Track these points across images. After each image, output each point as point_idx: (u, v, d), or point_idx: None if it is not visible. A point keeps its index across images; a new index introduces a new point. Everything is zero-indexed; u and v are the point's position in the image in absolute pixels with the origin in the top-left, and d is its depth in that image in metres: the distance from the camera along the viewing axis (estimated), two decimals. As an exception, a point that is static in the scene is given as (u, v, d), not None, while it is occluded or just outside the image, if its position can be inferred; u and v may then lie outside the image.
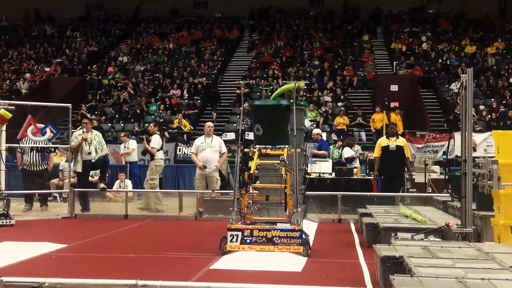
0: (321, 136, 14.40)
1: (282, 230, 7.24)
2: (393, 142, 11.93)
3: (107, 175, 12.32)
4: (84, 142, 11.75)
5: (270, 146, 7.81)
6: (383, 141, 12.18)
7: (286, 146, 7.77)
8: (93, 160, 11.69)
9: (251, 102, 9.42)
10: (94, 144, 11.80)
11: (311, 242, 7.53)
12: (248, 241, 7.23)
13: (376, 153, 12.15)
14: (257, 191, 7.79)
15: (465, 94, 6.76)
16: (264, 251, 7.14)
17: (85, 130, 11.83)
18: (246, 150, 8.20)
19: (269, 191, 7.93)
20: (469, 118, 6.74)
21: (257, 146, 7.86)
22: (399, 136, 12.51)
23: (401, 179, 11.99)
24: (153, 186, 12.59)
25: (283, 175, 7.39)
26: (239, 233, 7.25)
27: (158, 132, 13.22)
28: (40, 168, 12.23)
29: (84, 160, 11.77)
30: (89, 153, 11.71)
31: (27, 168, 12.12)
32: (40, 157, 12.17)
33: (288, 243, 7.19)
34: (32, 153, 12.07)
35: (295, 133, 8.09)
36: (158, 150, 12.59)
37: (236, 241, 7.24)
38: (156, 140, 12.62)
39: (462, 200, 6.63)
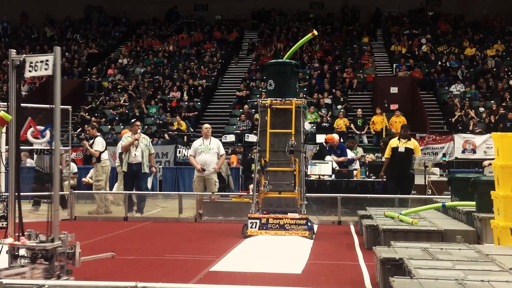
0: (340, 140, 14.36)
1: (292, 218, 8.72)
2: (402, 144, 11.83)
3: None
4: (131, 146, 11.94)
5: (279, 99, 9.15)
6: (393, 142, 12.05)
7: (293, 98, 9.15)
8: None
9: (266, 63, 10.54)
10: (141, 147, 11.99)
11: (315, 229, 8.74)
12: (265, 227, 8.71)
13: (386, 154, 12.06)
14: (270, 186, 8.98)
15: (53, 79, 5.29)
16: (277, 235, 8.61)
17: (138, 130, 12.09)
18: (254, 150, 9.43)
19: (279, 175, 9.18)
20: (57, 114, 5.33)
21: (268, 99, 9.29)
22: (411, 139, 12.30)
23: (409, 182, 11.83)
24: (99, 188, 12.65)
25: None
26: (258, 221, 8.74)
27: (99, 134, 13.60)
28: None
29: (130, 163, 11.95)
30: (135, 155, 11.94)
31: None
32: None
33: (297, 229, 8.69)
34: None
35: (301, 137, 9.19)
36: (102, 152, 12.68)
37: (255, 227, 8.75)
38: (99, 142, 12.75)
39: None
